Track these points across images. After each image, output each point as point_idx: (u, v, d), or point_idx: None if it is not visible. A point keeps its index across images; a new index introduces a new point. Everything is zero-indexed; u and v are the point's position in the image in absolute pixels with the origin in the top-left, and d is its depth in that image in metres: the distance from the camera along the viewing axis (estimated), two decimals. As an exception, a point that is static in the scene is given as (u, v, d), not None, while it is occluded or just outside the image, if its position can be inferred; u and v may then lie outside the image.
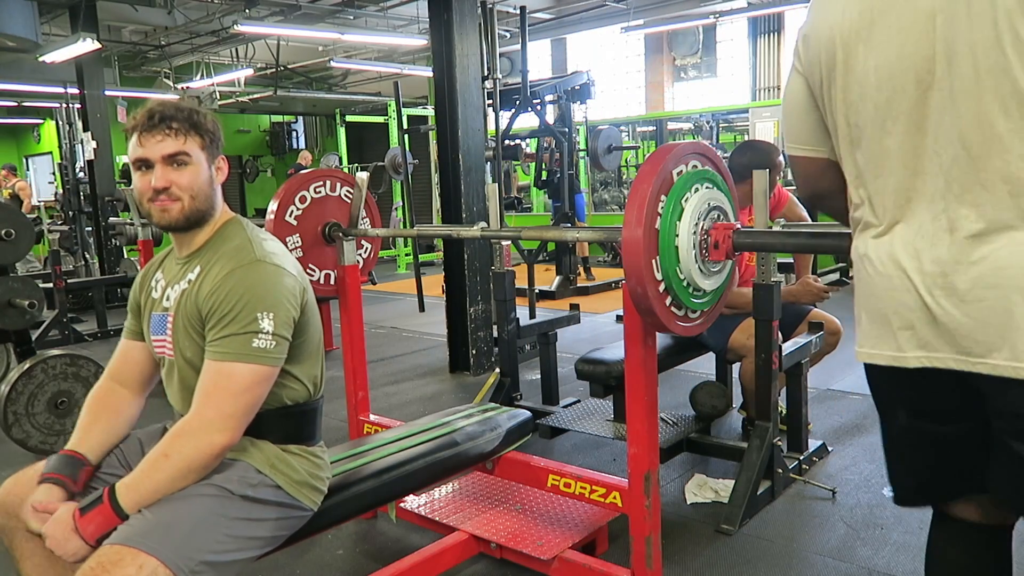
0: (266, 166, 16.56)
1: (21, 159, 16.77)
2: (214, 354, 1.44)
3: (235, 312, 1.43)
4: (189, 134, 1.49)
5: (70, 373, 3.34)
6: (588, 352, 2.98)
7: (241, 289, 1.44)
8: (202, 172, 1.51)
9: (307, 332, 1.57)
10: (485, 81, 4.69)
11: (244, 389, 1.42)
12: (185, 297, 1.51)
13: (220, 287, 1.45)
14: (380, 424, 2.58)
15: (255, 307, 1.43)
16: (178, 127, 1.48)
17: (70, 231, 7.86)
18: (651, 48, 13.84)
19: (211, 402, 1.41)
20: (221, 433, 1.40)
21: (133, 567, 1.26)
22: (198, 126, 1.50)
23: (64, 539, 1.33)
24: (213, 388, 1.42)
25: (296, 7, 8.84)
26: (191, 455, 1.39)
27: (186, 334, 1.50)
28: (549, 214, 9.24)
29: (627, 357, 1.81)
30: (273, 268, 1.49)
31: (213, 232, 1.56)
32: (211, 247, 1.55)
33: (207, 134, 1.52)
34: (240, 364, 1.42)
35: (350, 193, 2.64)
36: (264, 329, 1.43)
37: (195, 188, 1.50)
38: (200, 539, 1.35)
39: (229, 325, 1.43)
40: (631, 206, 1.56)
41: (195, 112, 1.51)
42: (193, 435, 1.40)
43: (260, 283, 1.46)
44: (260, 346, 1.43)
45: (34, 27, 6.66)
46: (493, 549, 2.19)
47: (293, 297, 1.50)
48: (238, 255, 1.50)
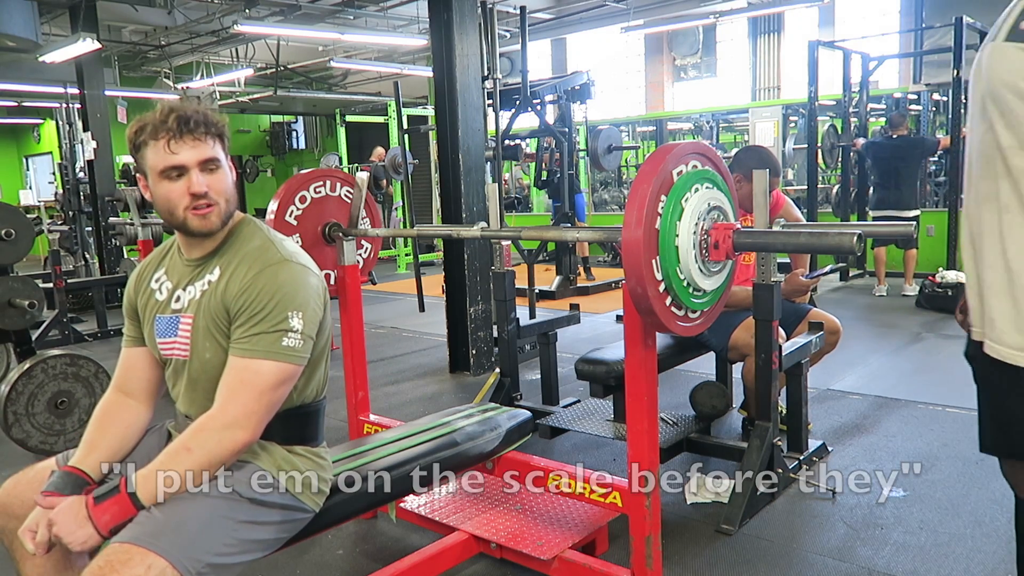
0: (266, 166, 16.58)
1: (21, 159, 16.79)
2: (241, 351, 1.43)
3: (268, 310, 1.43)
4: (216, 139, 1.49)
5: (70, 373, 3.34)
6: (588, 352, 2.97)
7: (272, 288, 1.45)
8: (229, 176, 1.52)
9: (324, 332, 1.58)
10: (485, 81, 4.70)
11: (270, 387, 1.42)
12: (207, 298, 1.50)
13: (251, 286, 1.45)
14: (380, 424, 2.58)
15: (287, 306, 1.44)
16: (206, 131, 1.46)
17: (70, 231, 7.87)
18: (651, 48, 13.85)
19: (236, 398, 1.41)
20: (244, 430, 1.40)
21: (142, 567, 1.25)
22: (220, 129, 1.50)
23: (75, 527, 1.32)
24: (239, 384, 1.42)
25: (296, 7, 8.85)
26: (213, 450, 1.38)
27: (208, 334, 1.50)
28: (549, 214, 9.24)
29: (627, 357, 1.81)
30: (300, 268, 1.50)
31: (228, 232, 1.55)
32: (229, 247, 1.54)
33: (226, 137, 1.52)
34: (268, 362, 1.42)
35: (350, 193, 2.64)
36: (294, 328, 1.44)
37: (228, 192, 1.50)
38: (208, 541, 1.35)
39: (260, 323, 1.43)
40: (631, 206, 1.56)
41: (215, 114, 1.51)
42: (216, 430, 1.40)
43: (290, 282, 1.46)
44: (289, 344, 1.43)
45: (34, 27, 6.66)
46: (493, 549, 2.19)
47: (318, 297, 1.52)
48: (264, 255, 1.50)
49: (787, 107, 9.06)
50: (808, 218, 6.98)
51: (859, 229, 1.59)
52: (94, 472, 1.51)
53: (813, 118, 7.20)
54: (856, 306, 6.14)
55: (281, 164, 16.78)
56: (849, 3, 11.98)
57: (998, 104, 1.11)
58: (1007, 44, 1.11)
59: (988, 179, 1.15)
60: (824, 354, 3.03)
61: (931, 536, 2.32)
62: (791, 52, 12.33)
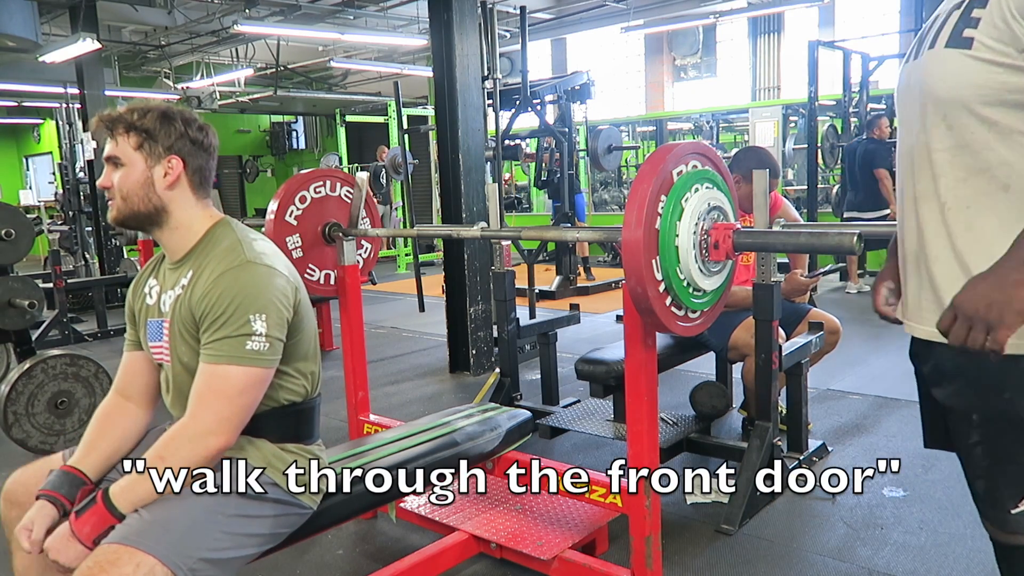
0: (266, 166, 16.57)
1: (21, 159, 16.79)
2: (208, 357, 1.43)
3: (228, 314, 1.42)
4: (123, 135, 1.50)
5: (70, 373, 3.34)
6: (588, 352, 2.98)
7: (233, 291, 1.43)
8: (132, 173, 1.50)
9: (302, 331, 1.57)
10: (485, 81, 4.70)
11: (239, 392, 1.42)
12: (179, 302, 1.51)
13: (212, 290, 1.45)
14: (380, 424, 2.58)
15: (247, 309, 1.43)
16: (116, 130, 1.50)
17: (70, 231, 7.87)
18: (651, 48, 13.84)
19: (206, 405, 1.41)
20: (216, 436, 1.40)
21: (130, 566, 1.26)
22: (132, 126, 1.50)
23: (64, 546, 1.33)
24: (208, 391, 1.42)
25: (296, 7, 8.84)
26: (187, 457, 1.39)
27: (182, 339, 1.50)
28: (549, 214, 9.24)
29: (627, 357, 1.81)
30: (264, 269, 1.48)
31: (202, 236, 1.55)
32: (201, 250, 1.54)
33: (142, 133, 1.50)
34: (234, 367, 1.41)
35: (350, 193, 2.64)
36: (257, 331, 1.42)
37: (124, 189, 1.50)
38: (197, 537, 1.35)
39: (222, 328, 1.42)
40: (631, 206, 1.56)
41: (136, 112, 1.50)
42: (189, 438, 1.40)
43: (251, 284, 1.45)
44: (254, 348, 1.42)
45: (34, 27, 6.66)
46: (493, 549, 2.19)
47: (285, 298, 1.50)
48: (228, 257, 1.49)
49: (787, 107, 9.04)
50: (808, 218, 6.98)
51: (859, 229, 1.59)
52: (92, 472, 1.52)
53: (813, 118, 7.20)
54: (856, 306, 6.14)
55: (281, 164, 16.78)
56: (849, 3, 11.97)
57: (942, 109, 1.13)
58: (948, 51, 1.11)
59: (924, 179, 1.18)
60: (824, 354, 3.03)
61: (931, 536, 2.32)
62: (791, 52, 12.32)
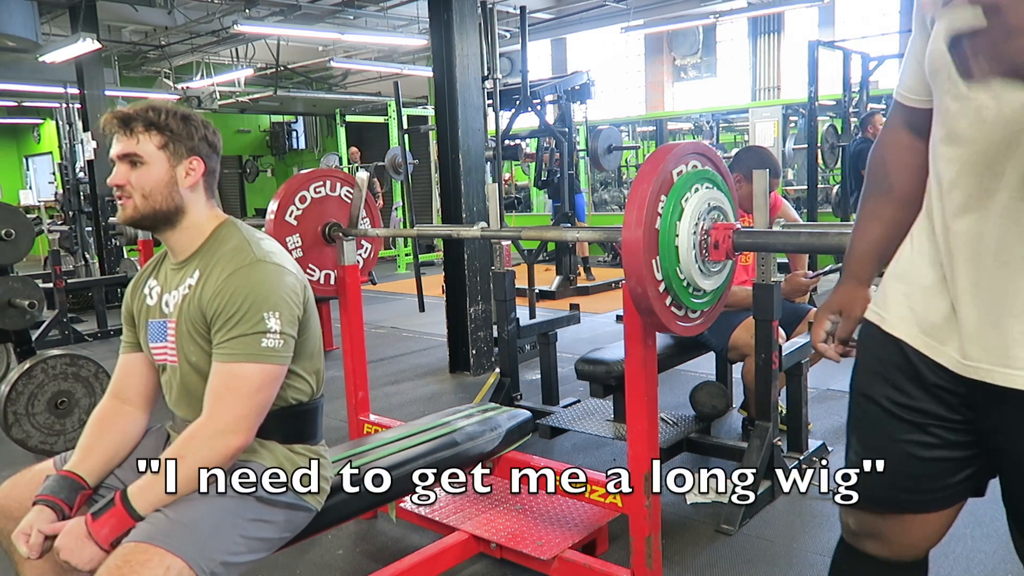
0: (266, 166, 16.57)
1: (21, 159, 16.79)
2: (223, 356, 1.43)
3: (242, 313, 1.43)
4: (144, 134, 1.48)
5: (70, 373, 3.33)
6: (588, 352, 2.98)
7: (246, 290, 1.44)
8: (154, 171, 1.50)
9: (309, 329, 1.57)
10: (485, 81, 4.69)
11: (256, 389, 1.42)
12: (187, 302, 1.50)
13: (224, 288, 1.45)
14: (380, 424, 2.58)
15: (261, 307, 1.43)
16: (134, 127, 1.48)
17: (70, 231, 7.87)
18: (651, 48, 13.83)
19: (223, 404, 1.41)
20: (235, 435, 1.40)
21: (161, 568, 1.25)
22: (155, 125, 1.49)
23: (78, 547, 1.31)
24: (225, 390, 1.42)
25: (296, 7, 8.84)
26: (207, 456, 1.38)
27: (190, 339, 1.50)
28: (549, 214, 9.24)
29: (627, 357, 1.81)
30: (274, 267, 1.49)
31: (208, 236, 1.56)
32: (208, 250, 1.54)
33: (167, 132, 1.50)
34: (250, 364, 1.42)
35: (350, 193, 2.64)
36: (272, 328, 1.43)
37: (147, 187, 1.49)
38: (220, 540, 1.35)
39: (237, 326, 1.43)
40: (631, 206, 1.56)
41: (158, 111, 1.50)
42: (207, 438, 1.39)
43: (263, 282, 1.46)
44: (269, 345, 1.43)
45: (34, 27, 6.66)
46: (493, 549, 2.19)
47: (295, 295, 1.51)
48: (238, 256, 1.49)
49: (787, 107, 9.04)
50: (808, 218, 6.97)
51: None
52: (89, 477, 1.50)
53: (813, 118, 7.19)
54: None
55: (281, 164, 16.77)
56: (849, 3, 11.97)
57: None
58: None
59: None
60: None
61: (931, 536, 2.31)
62: (791, 52, 12.31)
